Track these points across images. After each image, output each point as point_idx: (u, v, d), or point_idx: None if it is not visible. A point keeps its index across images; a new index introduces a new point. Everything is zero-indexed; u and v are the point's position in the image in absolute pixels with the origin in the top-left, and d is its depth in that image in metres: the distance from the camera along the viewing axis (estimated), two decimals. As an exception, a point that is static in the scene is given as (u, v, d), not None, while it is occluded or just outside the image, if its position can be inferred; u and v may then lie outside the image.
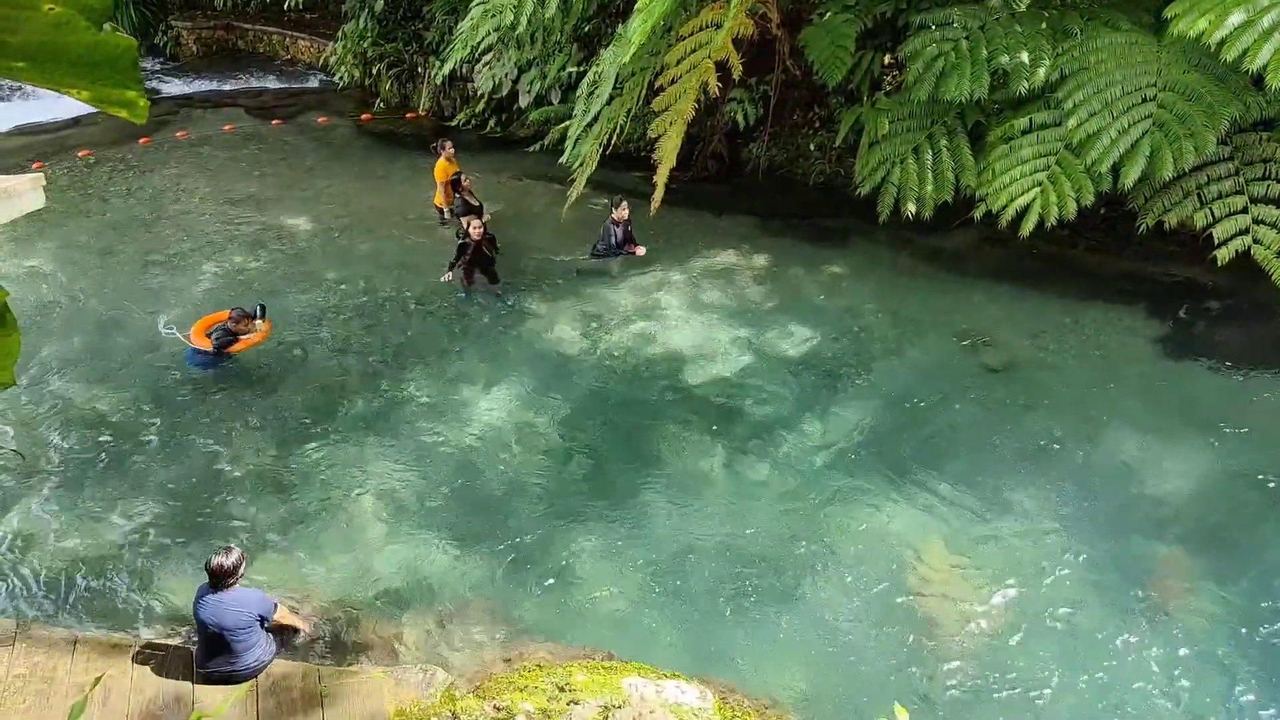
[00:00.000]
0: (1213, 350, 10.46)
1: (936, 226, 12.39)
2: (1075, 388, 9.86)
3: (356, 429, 9.38)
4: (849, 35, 12.36)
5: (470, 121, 17.09)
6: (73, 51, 1.23)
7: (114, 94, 1.31)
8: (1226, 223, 10.73)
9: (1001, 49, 11.19)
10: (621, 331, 10.93)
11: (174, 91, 19.74)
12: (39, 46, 1.24)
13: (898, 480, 8.62)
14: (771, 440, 9.19)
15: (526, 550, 7.92)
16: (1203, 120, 10.28)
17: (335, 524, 8.20)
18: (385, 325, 11.11)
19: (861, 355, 10.56)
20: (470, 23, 12.73)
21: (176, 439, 9.25)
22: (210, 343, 10.15)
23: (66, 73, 1.28)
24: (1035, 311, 11.19)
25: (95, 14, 1.18)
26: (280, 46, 21.62)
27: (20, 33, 1.22)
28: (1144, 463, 8.80)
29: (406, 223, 13.67)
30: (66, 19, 1.18)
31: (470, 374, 10.22)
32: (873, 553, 7.85)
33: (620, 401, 9.86)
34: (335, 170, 15.54)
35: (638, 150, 14.03)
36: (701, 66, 11.50)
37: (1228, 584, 7.51)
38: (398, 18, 18.80)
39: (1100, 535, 7.97)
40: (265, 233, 13.29)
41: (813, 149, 14.42)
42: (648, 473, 8.82)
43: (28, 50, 1.25)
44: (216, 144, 16.65)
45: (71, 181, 14.90)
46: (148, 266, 12.38)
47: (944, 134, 12.13)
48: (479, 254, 11.61)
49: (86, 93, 1.34)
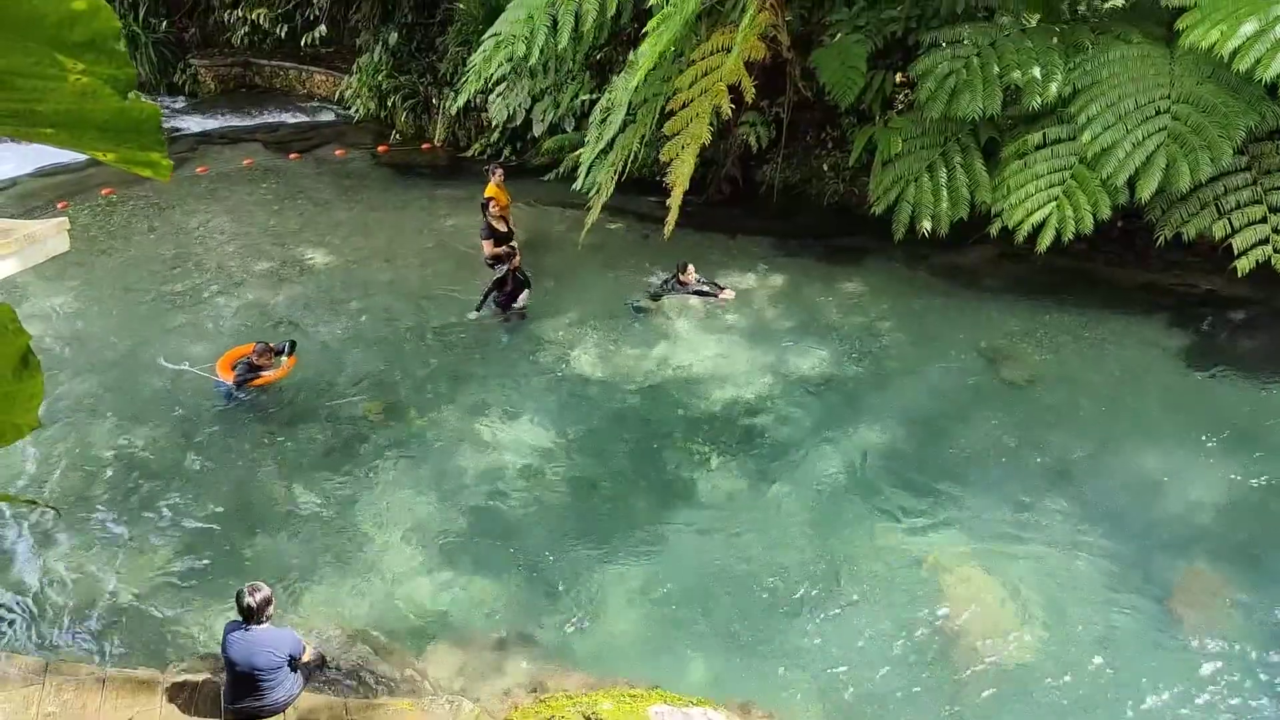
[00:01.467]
0: (1236, 361, 10.38)
1: (952, 243, 12.37)
2: (1097, 402, 9.80)
3: (380, 460, 9.42)
4: (860, 55, 12.42)
5: (485, 151, 17.23)
6: (99, 118, 1.27)
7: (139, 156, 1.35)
8: (1246, 233, 10.68)
9: (1013, 65, 11.21)
10: (640, 355, 10.96)
11: (193, 129, 19.99)
12: (66, 114, 1.28)
13: (921, 499, 8.58)
14: (793, 462, 9.17)
15: (550, 578, 7.92)
16: (1218, 131, 10.26)
17: (360, 555, 8.23)
18: (406, 355, 11.18)
19: (880, 374, 10.54)
20: (483, 54, 12.86)
21: (201, 475, 9.32)
22: (234, 376, 10.25)
23: (94, 137, 1.32)
24: (1055, 326, 11.14)
25: (120, 84, 1.22)
26: (297, 82, 21.89)
27: (48, 101, 1.26)
28: (1169, 477, 8.72)
29: (425, 252, 13.78)
30: (93, 89, 1.22)
31: (491, 402, 10.27)
32: (897, 573, 7.80)
33: (641, 426, 9.87)
34: (353, 202, 15.69)
35: (652, 175, 14.09)
36: (714, 90, 11.57)
37: (1257, 598, 7.42)
38: (411, 50, 19.01)
39: (1126, 551, 7.90)
40: (286, 266, 13.42)
41: (826, 169, 14.45)
42: (670, 497, 8.82)
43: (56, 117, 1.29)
44: (236, 179, 16.85)
45: (94, 220, 15.10)
46: (170, 303, 12.52)
47: (958, 151, 12.14)
48: (515, 282, 11.74)
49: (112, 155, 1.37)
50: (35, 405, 1.60)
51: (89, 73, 1.20)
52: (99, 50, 1.20)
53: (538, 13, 12.46)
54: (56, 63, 1.20)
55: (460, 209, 15.12)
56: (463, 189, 16.00)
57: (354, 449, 9.62)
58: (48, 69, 1.21)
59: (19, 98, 1.25)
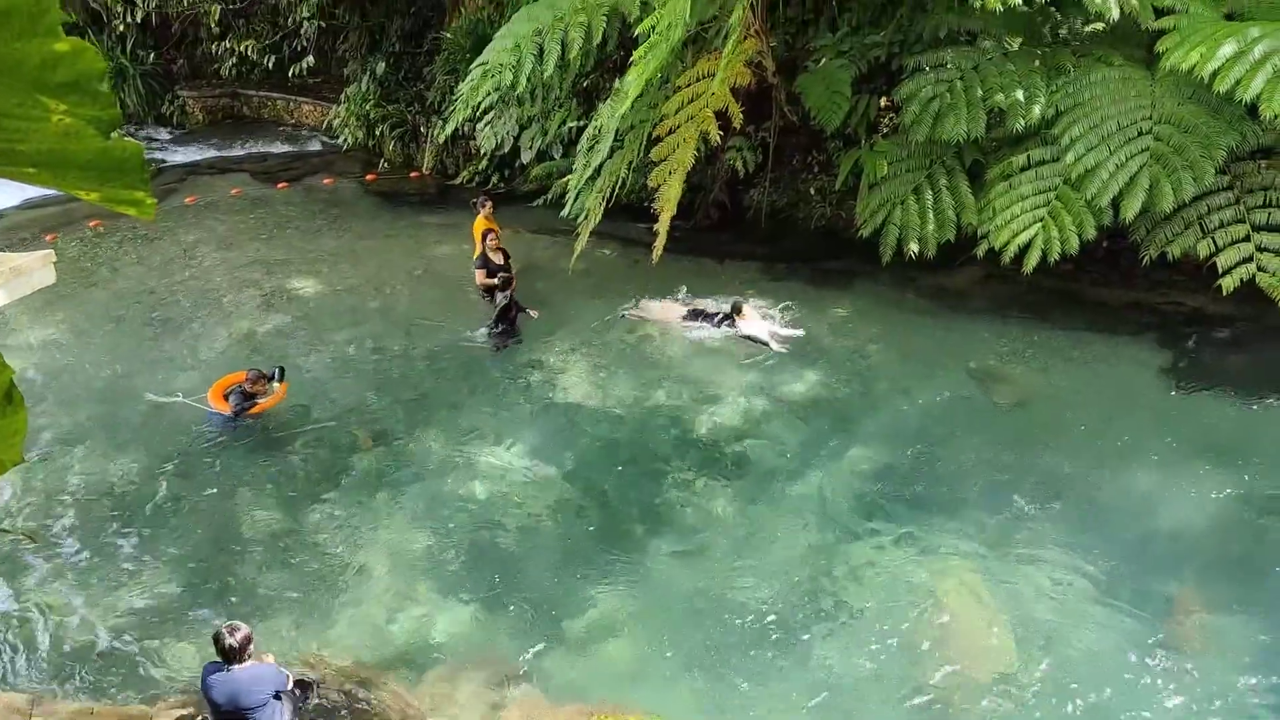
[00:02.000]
0: (1224, 378, 10.42)
1: (940, 265, 12.43)
2: (1087, 421, 9.82)
3: (368, 489, 9.38)
4: (845, 80, 12.51)
5: (474, 178, 17.27)
6: (81, 158, 1.27)
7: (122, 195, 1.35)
8: (1230, 251, 10.75)
9: (996, 88, 11.31)
10: (629, 380, 10.95)
11: (181, 159, 20.00)
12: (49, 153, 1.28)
13: (912, 522, 8.57)
14: (783, 485, 9.16)
15: (540, 605, 7.88)
16: (1200, 151, 10.36)
17: (348, 584, 8.18)
18: (395, 383, 11.16)
19: (870, 396, 10.55)
20: (470, 84, 12.92)
21: (188, 506, 9.27)
22: (228, 405, 10.21)
23: (76, 177, 1.32)
24: (1043, 346, 11.18)
25: (103, 124, 1.22)
26: (285, 111, 21.95)
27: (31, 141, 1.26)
28: (1161, 495, 8.74)
29: (414, 280, 13.78)
30: (76, 129, 1.22)
31: (480, 429, 10.24)
32: (889, 597, 7.79)
33: (630, 451, 9.85)
34: (341, 230, 15.71)
35: (640, 201, 14.15)
36: (700, 116, 11.65)
37: (1249, 616, 7.42)
38: (399, 79, 19.08)
39: (1118, 570, 7.90)
40: (274, 295, 13.41)
41: (813, 193, 14.52)
42: (659, 523, 8.80)
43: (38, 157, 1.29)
44: (224, 209, 16.85)
45: (81, 252, 15.07)
46: (159, 333, 12.49)
47: (943, 173, 12.22)
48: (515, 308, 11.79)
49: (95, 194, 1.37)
50: (19, 441, 1.59)
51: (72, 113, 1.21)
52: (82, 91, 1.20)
53: (524, 42, 12.54)
54: (39, 104, 1.20)
55: (449, 236, 15.14)
56: (451, 216, 16.03)
57: (341, 478, 9.58)
58: (30, 110, 1.21)
59: (1, 138, 1.25)
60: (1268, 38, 9.47)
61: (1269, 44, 9.42)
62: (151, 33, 22.33)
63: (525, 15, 13.08)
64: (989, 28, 11.84)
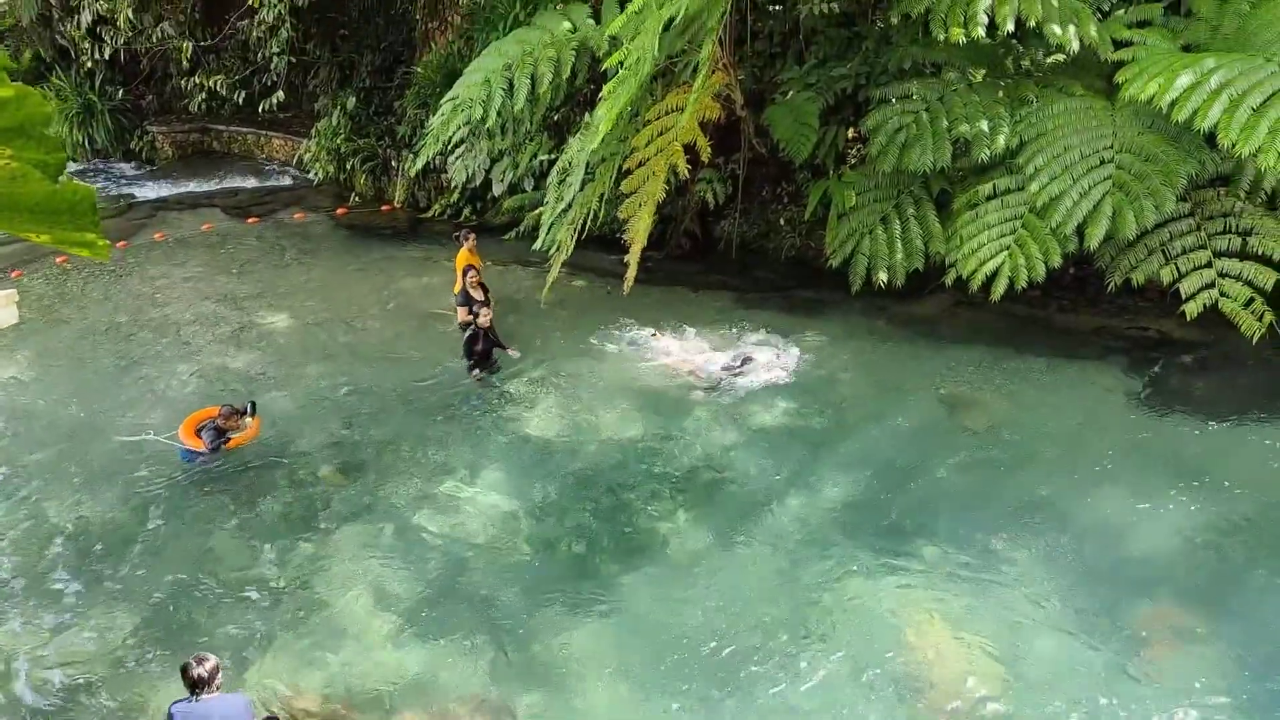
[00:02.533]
0: (1190, 402, 10.55)
1: (909, 293, 12.55)
2: (1057, 446, 9.90)
3: (340, 525, 9.29)
4: (812, 112, 12.66)
5: (445, 211, 17.29)
6: (29, 201, 1.26)
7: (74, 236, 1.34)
8: (1193, 277, 10.93)
9: (961, 119, 11.48)
10: (603, 412, 10.94)
11: (150, 195, 19.89)
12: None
13: (887, 549, 8.58)
14: (758, 516, 9.15)
15: (517, 641, 7.81)
16: (1160, 179, 10.54)
17: (321, 623, 8.07)
18: (367, 417, 11.08)
19: (843, 424, 10.59)
20: (441, 118, 12.96)
21: (158, 545, 9.14)
22: (201, 441, 10.11)
23: (25, 220, 1.31)
24: (1013, 372, 11.28)
25: (49, 168, 1.21)
26: (255, 146, 21.91)
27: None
28: (1131, 519, 8.81)
29: (386, 313, 13.73)
30: (22, 172, 1.21)
31: (454, 463, 10.18)
32: (865, 626, 7.78)
33: (603, 483, 9.82)
34: (313, 265, 15.65)
35: (612, 233, 14.20)
36: (670, 149, 11.73)
37: (1219, 636, 7.46)
38: (370, 114, 19.12)
39: (1091, 593, 7.94)
40: (244, 330, 13.32)
41: (783, 223, 14.64)
42: (636, 555, 8.76)
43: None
44: (193, 245, 16.76)
45: (48, 289, 14.93)
46: (126, 370, 12.35)
47: (910, 203, 12.37)
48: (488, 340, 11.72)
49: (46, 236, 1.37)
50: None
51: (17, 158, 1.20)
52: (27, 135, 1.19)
53: (494, 76, 12.61)
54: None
55: (421, 270, 15.13)
56: (423, 250, 16.04)
57: (314, 514, 9.48)
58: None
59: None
60: (1223, 68, 9.68)
61: (1224, 74, 9.62)
62: (120, 69, 22.27)
63: (495, 50, 13.17)
64: (953, 60, 12.04)
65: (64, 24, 21.67)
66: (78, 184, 1.25)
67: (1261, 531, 8.53)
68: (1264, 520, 8.64)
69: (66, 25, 21.57)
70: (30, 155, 1.18)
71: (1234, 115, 9.44)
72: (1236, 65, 9.69)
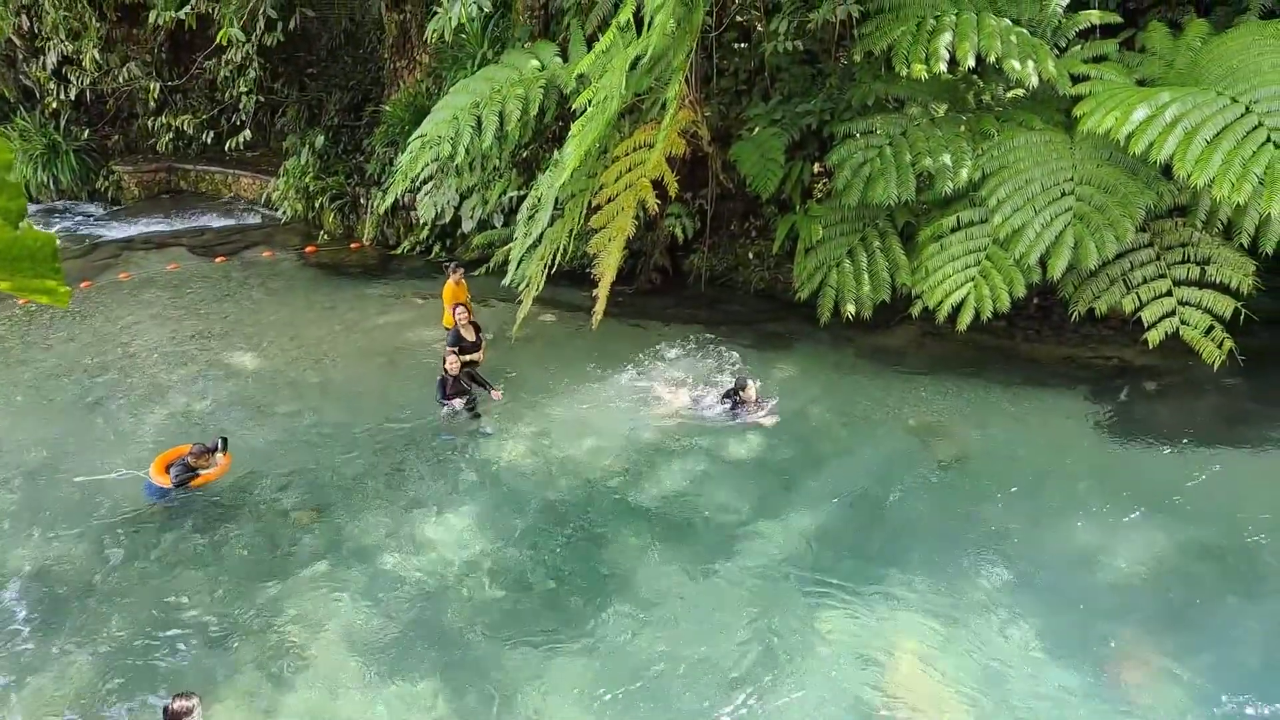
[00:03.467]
0: (1155, 429, 10.68)
1: (877, 325, 12.67)
2: (1026, 475, 9.98)
3: (308, 564, 9.17)
4: (778, 148, 12.82)
5: (414, 248, 17.30)
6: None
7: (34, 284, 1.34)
8: (1154, 306, 11.11)
9: (924, 152, 11.66)
10: (574, 447, 10.91)
11: (116, 235, 19.76)
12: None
13: (860, 581, 8.59)
14: (729, 549, 9.14)
15: (491, 679, 7.72)
16: (1120, 210, 10.74)
17: (290, 666, 7.94)
18: (336, 456, 10.99)
19: (814, 456, 10.63)
20: (409, 155, 13.00)
21: (124, 587, 8.98)
22: (170, 479, 9.99)
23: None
24: (980, 402, 11.39)
25: (10, 214, 1.22)
26: (223, 185, 21.86)
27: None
28: (1100, 546, 8.87)
29: (355, 351, 13.67)
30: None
31: (423, 500, 10.11)
32: (837, 657, 7.76)
33: (577, 519, 9.78)
34: (281, 304, 15.57)
35: (582, 268, 14.26)
36: (639, 185, 11.83)
37: (1192, 662, 7.51)
38: (338, 152, 19.17)
39: (1062, 622, 7.97)
40: (211, 370, 13.20)
41: (751, 257, 14.76)
42: (610, 591, 8.70)
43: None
44: (159, 284, 16.63)
45: (10, 330, 14.75)
46: (91, 411, 12.20)
47: (876, 236, 12.52)
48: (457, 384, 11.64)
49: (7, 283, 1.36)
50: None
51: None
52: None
53: (462, 114, 12.68)
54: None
55: (391, 307, 15.10)
56: (393, 286, 16.02)
57: (283, 554, 9.37)
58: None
59: (-92, 230, 1.24)
60: (1177, 102, 9.91)
61: (1179, 108, 9.85)
62: (86, 109, 22.20)
63: (463, 88, 13.26)
64: (915, 95, 12.25)
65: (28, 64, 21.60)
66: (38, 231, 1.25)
67: (1229, 557, 8.63)
68: (1231, 546, 8.74)
69: (31, 66, 21.50)
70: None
71: (1189, 147, 9.66)
72: (1190, 99, 9.92)
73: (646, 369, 12.42)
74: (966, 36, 11.05)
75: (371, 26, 20.22)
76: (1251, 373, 11.10)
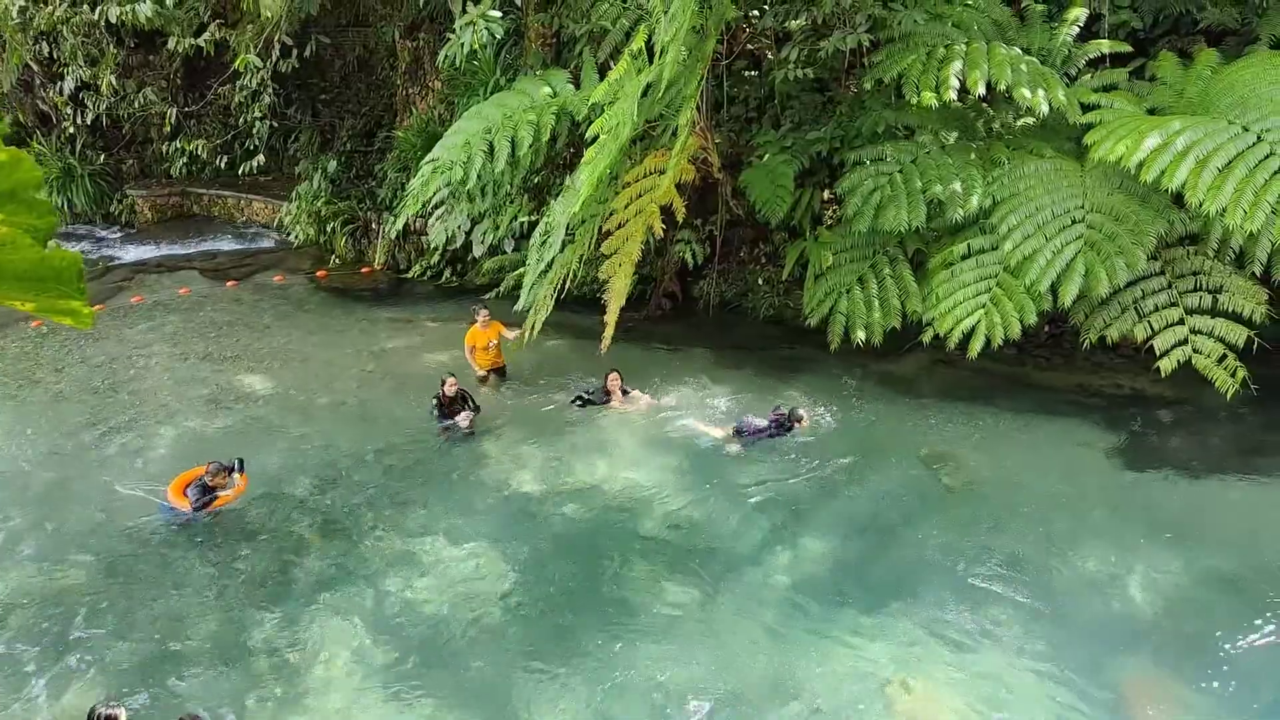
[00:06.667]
0: (1168, 458, 10.62)
1: (887, 352, 12.64)
2: (1037, 504, 9.91)
3: (318, 588, 9.13)
4: (788, 175, 12.87)
5: (425, 273, 17.36)
6: (18, 268, 1.26)
7: (59, 305, 1.35)
8: (1165, 334, 11.07)
9: (934, 180, 11.68)
10: (583, 473, 10.88)
11: (129, 258, 19.88)
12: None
13: (868, 610, 8.52)
14: (740, 576, 9.08)
15: (498, 705, 7.66)
16: (1131, 238, 10.73)
17: (298, 689, 7.89)
18: (345, 481, 10.97)
19: (824, 483, 10.57)
20: (421, 180, 13.08)
21: (134, 609, 8.94)
22: (188, 500, 9.99)
23: (11, 287, 1.31)
24: (991, 430, 11.34)
25: (39, 233, 1.22)
26: (235, 209, 21.98)
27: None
28: (1113, 575, 8.80)
29: (365, 375, 13.69)
30: (11, 238, 1.22)
31: (432, 525, 10.07)
32: (846, 685, 7.68)
33: (586, 544, 9.73)
34: (292, 327, 15.61)
35: (592, 293, 14.28)
36: (648, 211, 11.86)
37: (1208, 693, 7.42)
38: (350, 177, 19.30)
39: (1074, 653, 7.88)
40: (222, 393, 13.22)
41: (761, 283, 14.78)
42: (618, 617, 8.64)
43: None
44: (171, 308, 16.71)
45: (23, 352, 14.81)
46: (102, 434, 12.21)
47: (886, 263, 12.52)
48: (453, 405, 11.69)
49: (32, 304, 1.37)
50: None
51: (8, 222, 1.20)
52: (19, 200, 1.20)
53: (474, 139, 12.76)
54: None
55: (401, 331, 15.13)
56: (403, 311, 16.07)
57: (293, 577, 9.33)
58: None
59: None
60: (1188, 130, 9.92)
61: (1190, 136, 9.86)
62: (101, 134, 22.40)
63: (475, 114, 13.36)
64: (925, 123, 12.29)
65: (45, 90, 21.83)
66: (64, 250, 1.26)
67: (1242, 588, 8.54)
68: (1244, 576, 8.66)
69: (48, 91, 21.73)
70: (22, 220, 1.18)
71: (1200, 175, 9.67)
72: (1201, 128, 9.94)
73: (656, 394, 12.39)
74: (977, 65, 11.10)
75: (385, 53, 20.40)
76: (1265, 402, 11.04)
